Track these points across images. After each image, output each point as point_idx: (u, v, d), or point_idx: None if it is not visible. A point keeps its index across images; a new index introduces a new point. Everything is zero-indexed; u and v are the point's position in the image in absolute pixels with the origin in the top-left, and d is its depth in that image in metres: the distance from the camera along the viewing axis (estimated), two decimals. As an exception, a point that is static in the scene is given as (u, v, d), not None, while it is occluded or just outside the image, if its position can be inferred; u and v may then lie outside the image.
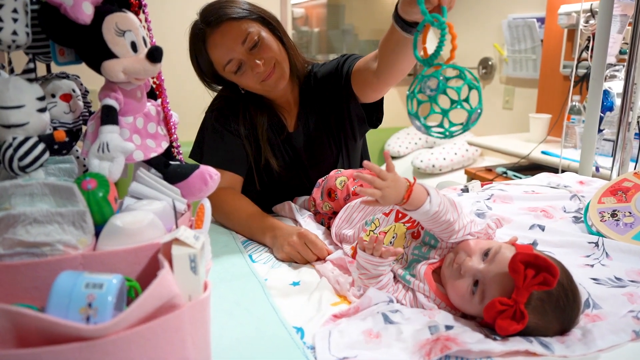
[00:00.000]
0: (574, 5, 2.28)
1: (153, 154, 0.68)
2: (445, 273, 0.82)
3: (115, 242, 0.57)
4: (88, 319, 0.47)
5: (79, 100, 0.71)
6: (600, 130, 1.73)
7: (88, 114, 0.73)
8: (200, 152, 1.30)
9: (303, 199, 1.31)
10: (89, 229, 0.57)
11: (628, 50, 1.51)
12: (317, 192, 1.17)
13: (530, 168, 2.35)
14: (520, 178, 2.06)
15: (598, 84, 1.61)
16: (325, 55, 3.42)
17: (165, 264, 0.53)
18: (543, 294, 0.70)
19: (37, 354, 0.44)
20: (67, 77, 0.72)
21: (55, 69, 0.70)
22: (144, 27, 0.68)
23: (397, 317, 0.76)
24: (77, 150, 0.70)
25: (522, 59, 2.82)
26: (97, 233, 0.58)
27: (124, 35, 0.63)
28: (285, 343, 0.72)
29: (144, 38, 0.66)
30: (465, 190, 1.41)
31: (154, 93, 0.74)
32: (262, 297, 0.86)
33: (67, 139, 0.63)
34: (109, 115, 0.63)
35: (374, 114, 1.35)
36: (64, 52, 0.65)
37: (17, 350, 0.45)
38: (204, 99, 1.37)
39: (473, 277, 0.77)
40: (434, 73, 0.80)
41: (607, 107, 1.80)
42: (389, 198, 0.80)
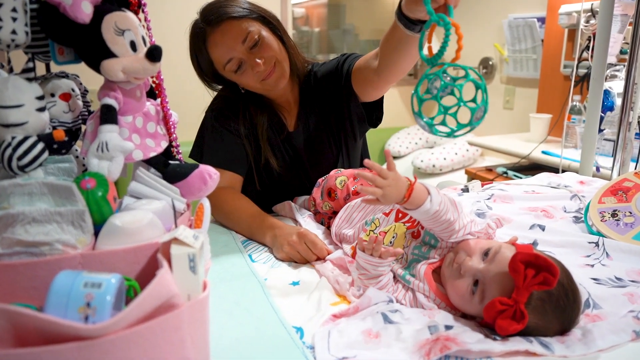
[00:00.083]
0: (575, 5, 2.28)
1: (152, 154, 0.68)
2: (445, 273, 0.82)
3: (115, 241, 0.57)
4: (87, 319, 0.47)
5: (78, 100, 0.71)
6: (601, 130, 1.73)
7: (87, 113, 0.73)
8: (200, 151, 1.30)
9: (303, 199, 1.31)
10: (88, 229, 0.57)
11: (629, 50, 1.50)
12: (317, 191, 1.17)
13: (531, 168, 2.35)
14: (521, 178, 2.06)
15: (598, 84, 1.60)
16: (326, 55, 3.42)
17: (164, 264, 0.53)
18: (543, 294, 0.70)
19: (35, 354, 0.44)
20: (66, 76, 0.72)
21: (55, 68, 0.70)
22: (144, 26, 0.68)
23: (396, 317, 0.76)
24: (76, 150, 0.70)
25: (522, 59, 2.81)
26: (96, 232, 0.58)
27: (123, 35, 0.62)
28: (285, 343, 0.72)
29: (143, 37, 0.66)
30: (466, 190, 1.41)
31: (154, 92, 0.74)
32: (261, 296, 0.86)
33: (66, 139, 0.63)
34: (108, 115, 0.63)
35: (374, 113, 1.35)
36: (63, 51, 0.65)
37: (15, 350, 0.45)
38: (204, 99, 1.37)
39: (473, 276, 0.77)
40: (437, 72, 0.80)
41: (607, 107, 1.80)
42: (390, 197, 0.79)
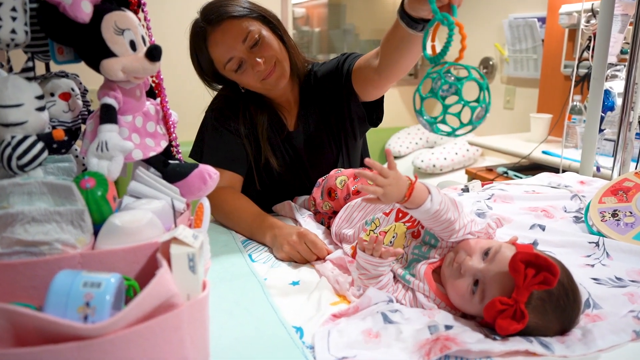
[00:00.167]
0: (575, 5, 2.28)
1: (152, 153, 0.68)
2: (445, 272, 0.82)
3: (114, 241, 0.57)
4: (86, 318, 0.47)
5: (78, 99, 0.71)
6: (601, 130, 1.73)
7: (87, 113, 0.73)
8: (200, 151, 1.30)
9: (303, 199, 1.31)
10: (88, 228, 0.56)
11: (629, 50, 1.50)
12: (317, 191, 1.17)
13: (531, 168, 2.35)
14: (521, 178, 2.06)
15: (599, 84, 1.60)
16: (326, 55, 3.42)
17: (164, 263, 0.53)
18: (543, 294, 0.70)
19: (34, 353, 0.44)
20: (66, 75, 0.72)
21: (54, 68, 0.70)
22: (143, 25, 0.68)
23: (396, 316, 0.76)
24: (76, 149, 0.70)
25: (523, 59, 2.81)
26: (95, 232, 0.58)
27: (123, 34, 0.62)
28: (285, 343, 0.72)
29: (143, 37, 0.66)
30: (466, 190, 1.41)
31: (153, 92, 0.74)
32: (261, 296, 0.85)
33: (65, 138, 0.63)
34: (108, 114, 0.63)
35: (375, 113, 1.35)
36: (63, 50, 0.64)
37: (15, 350, 0.45)
38: (204, 99, 1.37)
39: (473, 276, 0.77)
40: (439, 70, 0.80)
41: (608, 106, 1.80)
42: (391, 196, 0.79)
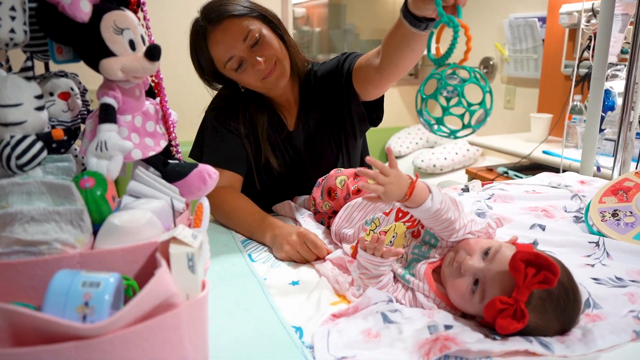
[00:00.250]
0: (576, 5, 2.28)
1: (151, 153, 0.68)
2: (445, 272, 0.82)
3: (113, 240, 0.57)
4: (85, 318, 0.47)
5: (77, 99, 0.71)
6: (602, 130, 1.73)
7: (86, 113, 0.73)
8: (200, 151, 1.30)
9: (303, 198, 1.31)
10: (87, 228, 0.56)
11: (629, 50, 1.50)
12: (317, 191, 1.17)
13: (531, 168, 2.35)
14: (521, 178, 2.06)
15: (599, 84, 1.60)
16: (327, 55, 3.42)
17: (163, 263, 0.53)
18: (544, 293, 0.70)
19: (33, 353, 0.44)
20: (65, 75, 0.72)
21: (54, 67, 0.70)
22: (143, 25, 0.67)
23: (396, 316, 0.76)
24: (75, 149, 0.70)
25: (523, 59, 2.81)
26: (95, 232, 0.58)
27: (122, 34, 0.62)
28: (284, 342, 0.72)
29: (142, 36, 0.66)
30: (466, 190, 1.41)
31: (153, 91, 0.74)
32: (261, 296, 0.85)
33: (65, 138, 0.63)
34: (107, 114, 0.63)
35: (375, 112, 1.35)
36: (62, 50, 0.64)
37: (13, 350, 0.45)
38: (204, 99, 1.37)
39: (473, 275, 0.77)
40: (441, 72, 0.80)
41: (608, 106, 1.80)
42: (392, 194, 0.79)
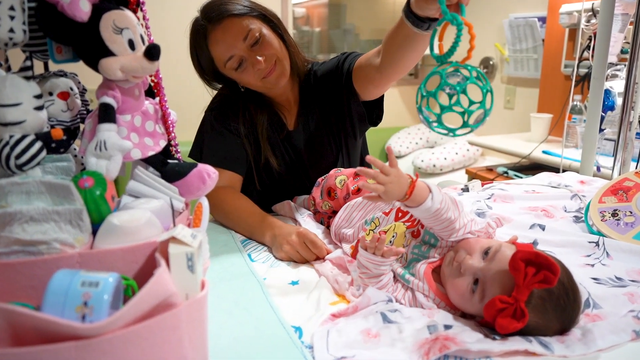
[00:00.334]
0: (575, 5, 2.28)
1: (151, 153, 0.68)
2: (445, 271, 0.82)
3: (113, 240, 0.57)
4: (84, 318, 0.47)
5: (77, 99, 0.71)
6: (602, 130, 1.73)
7: (86, 112, 0.73)
8: (200, 151, 1.30)
9: (303, 198, 1.30)
10: (86, 228, 0.56)
11: (629, 50, 1.50)
12: (316, 191, 1.17)
13: (531, 168, 2.34)
14: (521, 178, 2.05)
15: (599, 84, 1.60)
16: (327, 55, 3.42)
17: (162, 263, 0.53)
18: (544, 293, 0.70)
19: (33, 353, 0.44)
20: (64, 75, 0.72)
21: (53, 67, 0.70)
22: (142, 25, 0.67)
23: (396, 316, 0.76)
24: (74, 149, 0.70)
25: (523, 59, 2.81)
26: (94, 231, 0.58)
27: (122, 33, 0.62)
28: (284, 342, 0.72)
29: (142, 36, 0.66)
30: (466, 190, 1.41)
31: (152, 91, 0.74)
32: (260, 296, 0.85)
33: (64, 137, 0.63)
34: (107, 114, 0.63)
35: (375, 112, 1.35)
36: (62, 50, 0.64)
37: (13, 349, 0.45)
38: (204, 98, 1.36)
39: (473, 275, 0.76)
40: (441, 71, 0.80)
41: (608, 106, 1.80)
42: (392, 193, 0.79)
